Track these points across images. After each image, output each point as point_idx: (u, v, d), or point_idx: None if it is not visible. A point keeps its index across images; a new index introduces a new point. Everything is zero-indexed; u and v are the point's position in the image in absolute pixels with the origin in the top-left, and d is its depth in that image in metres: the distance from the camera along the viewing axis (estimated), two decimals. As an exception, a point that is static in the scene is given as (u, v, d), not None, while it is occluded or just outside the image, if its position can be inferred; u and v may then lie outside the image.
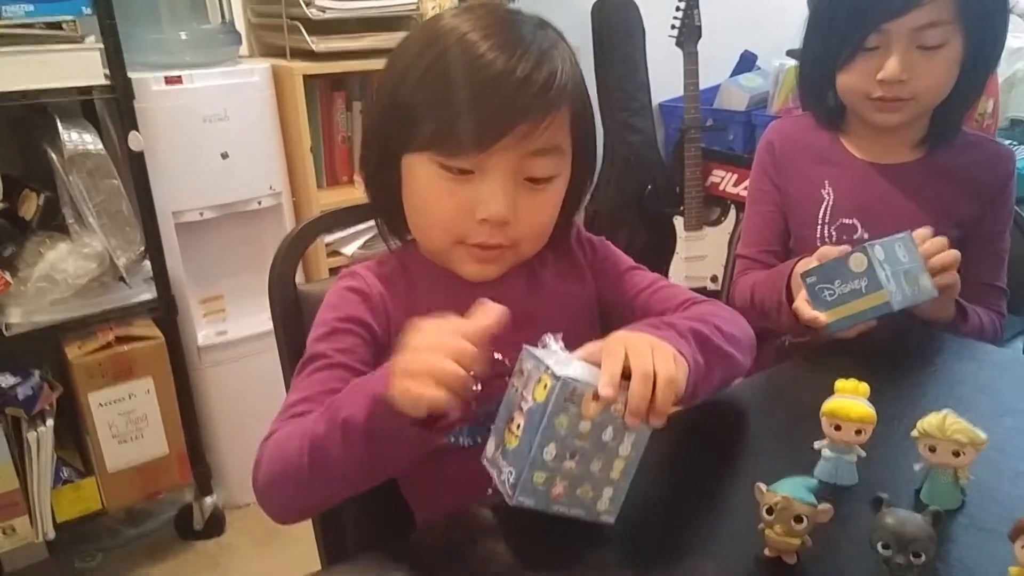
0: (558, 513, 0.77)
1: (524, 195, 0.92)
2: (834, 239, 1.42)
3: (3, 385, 1.85)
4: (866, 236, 1.38)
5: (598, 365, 0.76)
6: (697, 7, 2.76)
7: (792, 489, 0.72)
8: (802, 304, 1.20)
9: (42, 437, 1.90)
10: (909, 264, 1.14)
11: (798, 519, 0.71)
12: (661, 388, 0.75)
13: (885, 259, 1.11)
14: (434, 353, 0.72)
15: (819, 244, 1.39)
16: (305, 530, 1.09)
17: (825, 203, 1.43)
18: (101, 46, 1.83)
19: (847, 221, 1.42)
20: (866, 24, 1.28)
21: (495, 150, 0.88)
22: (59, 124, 1.85)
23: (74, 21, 1.80)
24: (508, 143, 0.87)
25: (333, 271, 2.29)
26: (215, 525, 2.28)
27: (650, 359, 0.76)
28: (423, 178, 0.93)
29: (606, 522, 0.78)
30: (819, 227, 1.44)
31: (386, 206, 1.01)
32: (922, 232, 1.20)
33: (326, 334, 0.94)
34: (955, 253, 1.20)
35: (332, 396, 0.83)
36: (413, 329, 0.76)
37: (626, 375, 0.75)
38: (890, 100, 1.31)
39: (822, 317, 1.16)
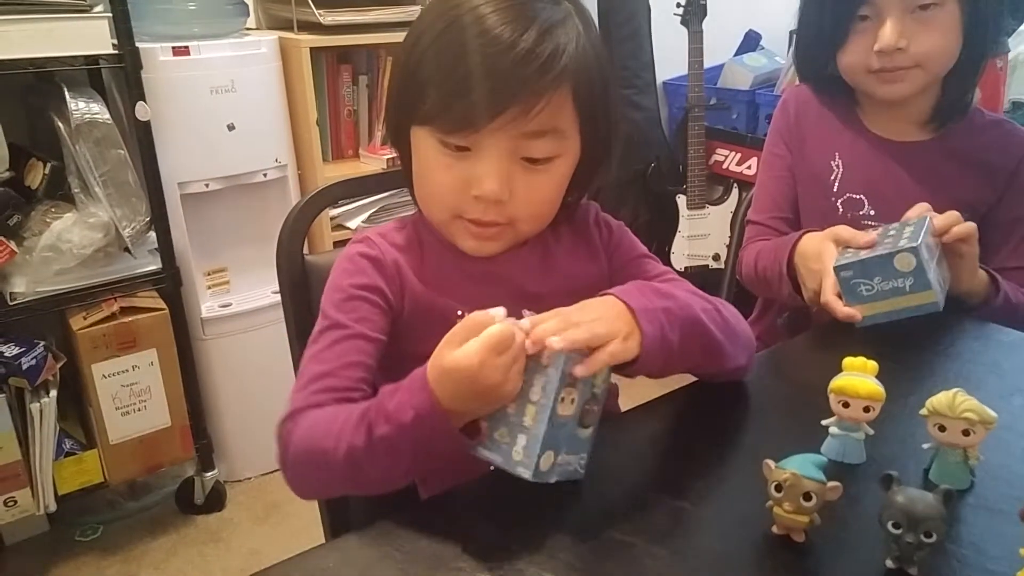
0: (480, 456, 0.80)
1: (521, 174, 0.92)
2: (840, 212, 1.40)
3: (7, 355, 1.86)
4: (872, 213, 1.37)
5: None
6: (702, -14, 2.74)
7: (801, 466, 0.71)
8: (834, 300, 1.17)
9: (45, 408, 1.90)
10: (936, 253, 1.12)
11: (807, 496, 0.70)
12: (573, 318, 0.79)
13: (928, 257, 1.09)
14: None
15: (825, 216, 1.38)
16: (305, 506, 1.09)
17: (834, 175, 1.42)
18: (109, 15, 1.82)
19: (855, 196, 1.40)
20: None
21: (490, 129, 0.87)
22: (66, 93, 1.84)
23: (82, -11, 1.79)
24: (501, 123, 0.87)
25: (338, 244, 2.29)
26: (216, 500, 2.29)
27: (579, 310, 0.81)
28: (426, 151, 0.93)
29: (522, 475, 0.76)
30: (826, 199, 1.42)
31: (404, 173, 1.02)
32: (948, 219, 1.16)
33: (342, 300, 0.94)
34: (972, 225, 1.17)
35: (353, 369, 0.88)
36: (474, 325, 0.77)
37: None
38: (891, 70, 1.29)
39: (858, 315, 1.14)
